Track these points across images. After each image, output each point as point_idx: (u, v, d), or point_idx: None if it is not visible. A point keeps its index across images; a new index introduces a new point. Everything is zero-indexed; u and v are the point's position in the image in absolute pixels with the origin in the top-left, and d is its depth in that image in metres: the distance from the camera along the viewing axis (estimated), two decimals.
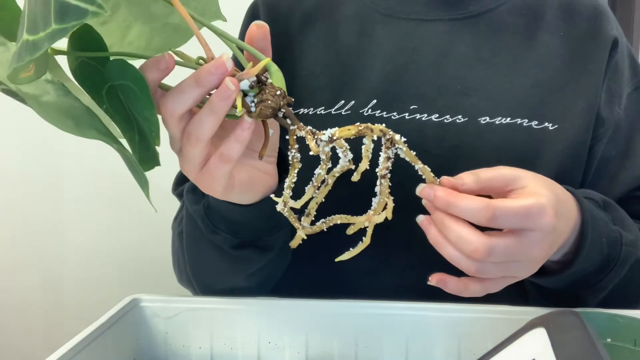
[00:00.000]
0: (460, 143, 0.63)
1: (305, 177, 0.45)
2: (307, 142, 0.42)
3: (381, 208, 0.45)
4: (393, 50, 0.67)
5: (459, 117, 0.63)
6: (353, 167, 0.44)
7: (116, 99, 0.42)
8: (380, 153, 0.44)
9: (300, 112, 0.66)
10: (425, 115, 0.64)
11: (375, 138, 0.43)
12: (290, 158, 0.43)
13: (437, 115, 0.64)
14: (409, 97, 0.65)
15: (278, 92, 0.41)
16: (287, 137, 0.43)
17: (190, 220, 0.59)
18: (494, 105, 0.64)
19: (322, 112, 0.65)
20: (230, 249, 0.57)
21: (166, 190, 0.72)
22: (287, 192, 0.44)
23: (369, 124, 0.43)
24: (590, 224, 0.53)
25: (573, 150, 0.65)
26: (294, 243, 0.47)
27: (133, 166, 0.41)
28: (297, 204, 0.45)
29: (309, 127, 0.43)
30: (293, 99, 0.43)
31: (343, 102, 0.65)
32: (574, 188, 0.58)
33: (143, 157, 0.43)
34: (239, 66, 0.44)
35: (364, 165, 0.43)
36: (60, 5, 0.31)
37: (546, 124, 0.64)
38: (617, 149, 0.67)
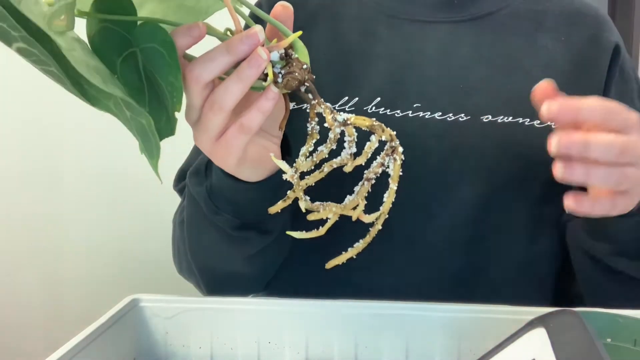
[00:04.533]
0: (462, 141, 0.64)
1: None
2: (324, 115, 0.43)
3: (352, 206, 0.45)
4: (397, 50, 0.68)
5: (462, 115, 0.64)
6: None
7: (131, 68, 0.42)
8: (378, 157, 0.44)
9: (304, 108, 0.66)
10: (429, 113, 0.64)
11: (383, 139, 0.44)
12: (309, 129, 0.45)
13: (440, 113, 0.64)
14: (413, 95, 0.65)
15: (304, 66, 0.43)
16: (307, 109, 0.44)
17: (193, 203, 0.60)
18: (496, 104, 0.65)
19: None
20: (232, 230, 0.58)
21: (166, 189, 0.71)
22: (301, 160, 0.44)
23: (383, 125, 0.44)
24: None
25: None
26: (273, 209, 0.47)
27: (146, 134, 0.40)
28: (302, 184, 0.44)
29: (329, 104, 0.44)
30: (314, 76, 0.44)
31: (347, 98, 0.66)
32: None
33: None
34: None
35: (362, 160, 0.44)
36: None
37: (548, 123, 0.64)
38: None
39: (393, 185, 0.45)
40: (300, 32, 0.44)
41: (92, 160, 1.34)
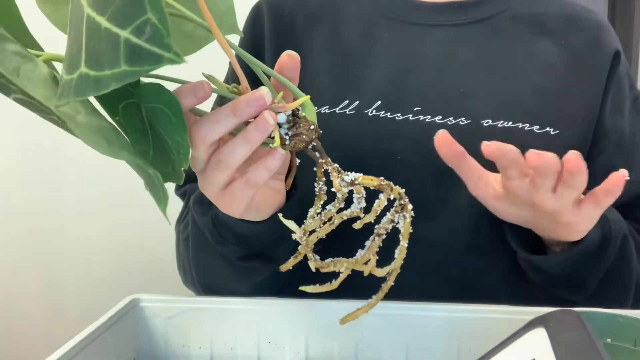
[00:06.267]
0: (462, 144, 0.64)
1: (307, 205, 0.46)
2: (331, 178, 0.43)
3: (363, 261, 0.46)
4: (397, 53, 0.67)
5: (462, 119, 0.64)
6: (362, 215, 0.45)
7: (134, 114, 0.41)
8: (387, 213, 0.45)
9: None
10: (429, 116, 0.64)
11: (392, 198, 0.44)
12: (317, 190, 0.45)
13: (441, 117, 0.64)
14: (413, 99, 0.65)
15: (312, 127, 0.42)
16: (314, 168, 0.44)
17: (197, 230, 0.60)
18: (495, 108, 0.64)
19: (327, 110, 0.66)
20: (238, 260, 0.58)
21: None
22: (309, 222, 0.45)
23: (391, 183, 0.44)
24: None
25: None
26: (285, 267, 0.48)
27: (154, 183, 0.40)
28: (313, 238, 0.45)
29: (336, 165, 0.44)
30: (321, 131, 0.44)
31: (347, 101, 0.66)
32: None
33: (159, 172, 0.42)
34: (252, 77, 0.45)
35: (370, 218, 0.44)
36: (131, 48, 0.29)
37: (547, 129, 0.64)
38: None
39: (404, 243, 0.46)
40: (308, 97, 0.42)
41: (92, 160, 1.33)
